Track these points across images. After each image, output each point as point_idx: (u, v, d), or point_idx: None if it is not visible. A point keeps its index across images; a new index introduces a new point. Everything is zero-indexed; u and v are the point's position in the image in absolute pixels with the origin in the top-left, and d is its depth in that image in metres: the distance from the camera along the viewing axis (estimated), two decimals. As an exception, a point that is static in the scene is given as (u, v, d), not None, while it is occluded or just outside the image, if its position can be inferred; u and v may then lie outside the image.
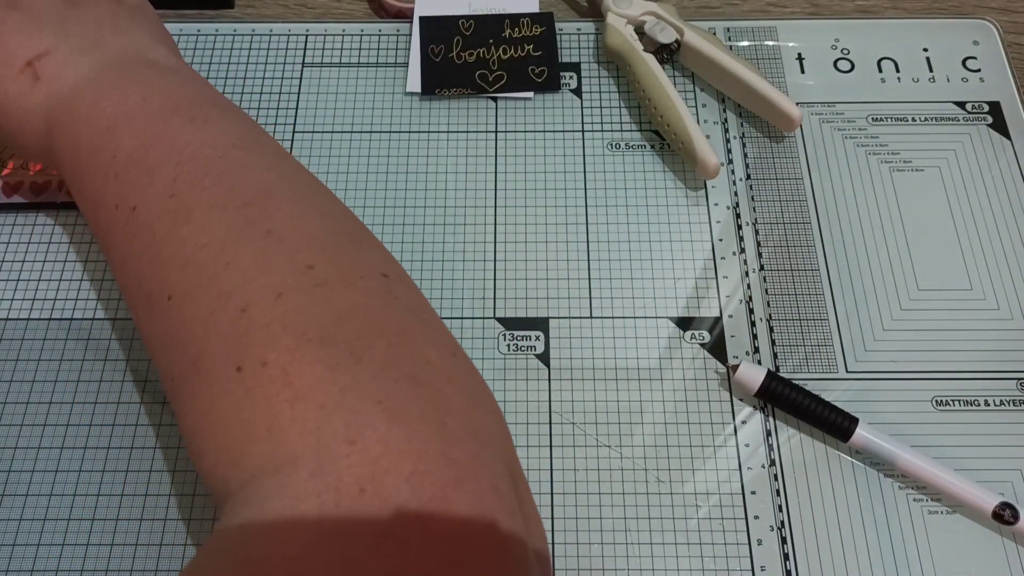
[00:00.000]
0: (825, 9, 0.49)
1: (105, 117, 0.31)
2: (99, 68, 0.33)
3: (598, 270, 0.40)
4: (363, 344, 0.25)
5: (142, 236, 0.29)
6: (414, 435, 0.23)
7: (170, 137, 0.30)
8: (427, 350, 0.27)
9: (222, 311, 0.26)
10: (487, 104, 0.44)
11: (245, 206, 0.28)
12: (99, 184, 0.31)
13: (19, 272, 0.40)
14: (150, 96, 0.32)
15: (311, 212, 0.30)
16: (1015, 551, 0.34)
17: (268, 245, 0.27)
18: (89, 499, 0.35)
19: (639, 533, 0.34)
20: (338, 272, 0.27)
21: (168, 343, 0.28)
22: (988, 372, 0.37)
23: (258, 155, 0.31)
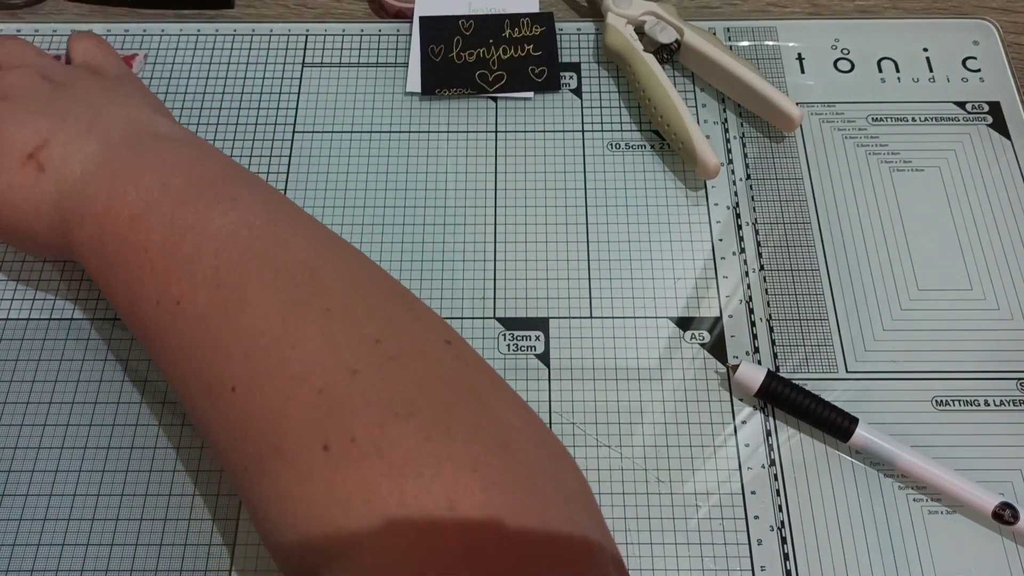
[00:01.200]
0: (825, 9, 0.49)
1: (127, 207, 0.30)
2: (105, 151, 0.32)
3: (598, 270, 0.40)
4: (449, 414, 0.25)
5: (193, 329, 0.28)
6: (511, 501, 0.24)
7: (201, 223, 0.30)
8: (506, 413, 0.27)
9: (297, 395, 0.26)
10: (487, 104, 0.44)
11: (297, 287, 0.28)
12: (133, 279, 0.30)
13: (19, 272, 0.40)
14: (169, 178, 0.31)
15: (361, 283, 0.30)
16: (1015, 551, 0.34)
17: (330, 323, 0.27)
18: (89, 499, 0.35)
19: (639, 533, 0.34)
20: (405, 344, 0.27)
21: (237, 433, 0.27)
22: (988, 372, 0.37)
23: (293, 229, 0.31)
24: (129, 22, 0.47)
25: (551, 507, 0.25)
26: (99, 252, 0.31)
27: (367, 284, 0.30)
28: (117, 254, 0.30)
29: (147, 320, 0.30)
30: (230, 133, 0.43)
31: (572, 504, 0.26)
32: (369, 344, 0.27)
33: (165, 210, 0.30)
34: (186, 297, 0.29)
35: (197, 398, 0.29)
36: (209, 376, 0.28)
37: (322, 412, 0.25)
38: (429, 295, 0.39)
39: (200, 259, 0.29)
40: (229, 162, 0.34)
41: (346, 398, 0.25)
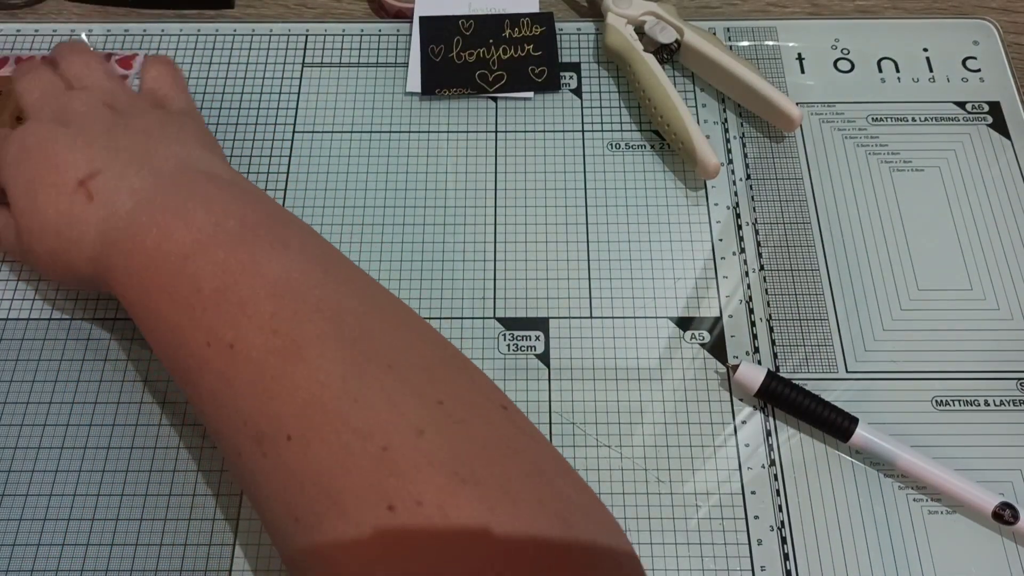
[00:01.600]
0: (825, 9, 0.49)
1: (179, 246, 0.30)
2: (156, 188, 0.32)
3: (598, 270, 0.40)
4: (512, 484, 0.25)
5: (246, 375, 0.28)
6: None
7: (254, 266, 0.29)
8: (563, 485, 0.27)
9: (360, 450, 0.25)
10: (487, 104, 0.44)
11: (355, 340, 0.28)
12: (181, 319, 0.29)
13: (19, 272, 0.40)
14: (222, 220, 0.31)
15: (417, 340, 0.30)
16: (1015, 551, 0.34)
17: (392, 380, 0.27)
18: (89, 499, 0.35)
19: (639, 533, 0.34)
20: (467, 407, 0.27)
21: (291, 484, 0.27)
22: (988, 372, 0.37)
23: (344, 279, 0.31)
24: (129, 22, 0.47)
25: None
26: (145, 289, 0.31)
27: (422, 341, 0.30)
28: (164, 292, 0.30)
29: (194, 362, 0.29)
30: (230, 133, 0.43)
31: None
32: (432, 405, 0.27)
33: (217, 251, 0.30)
34: (240, 341, 0.28)
35: (244, 445, 0.28)
36: (261, 424, 0.27)
37: (387, 471, 0.25)
38: (429, 295, 0.39)
39: (255, 303, 0.28)
40: (278, 206, 0.34)
41: (412, 459, 0.25)
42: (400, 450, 0.25)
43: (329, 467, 0.26)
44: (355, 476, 0.25)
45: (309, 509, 0.26)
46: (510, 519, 0.24)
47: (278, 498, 0.27)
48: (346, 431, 0.26)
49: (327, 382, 0.27)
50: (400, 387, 0.27)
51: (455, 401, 0.27)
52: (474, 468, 0.25)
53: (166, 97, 0.39)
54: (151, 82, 0.40)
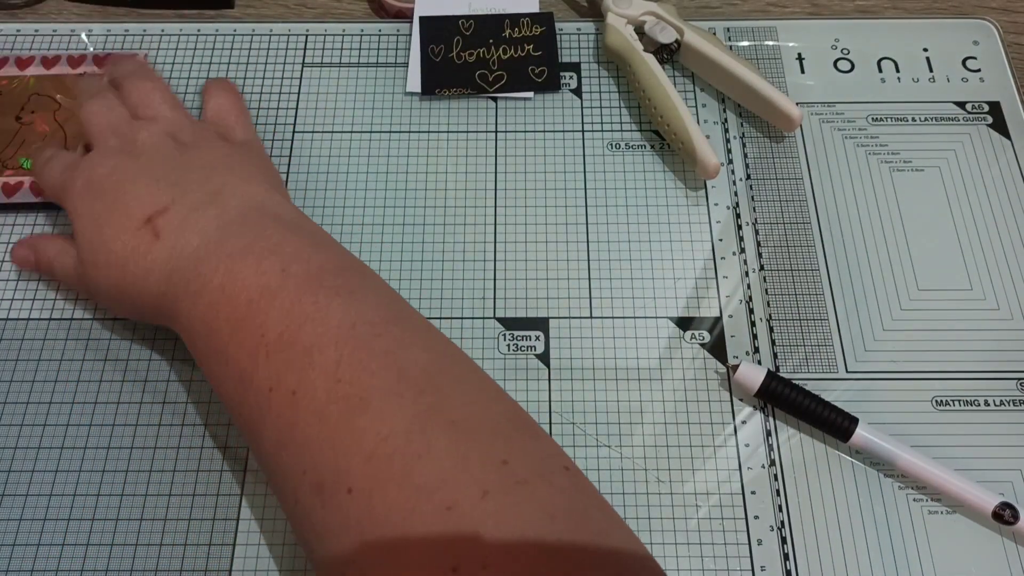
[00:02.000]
0: (825, 9, 0.49)
1: (246, 291, 0.30)
2: (222, 228, 0.32)
3: (598, 270, 0.40)
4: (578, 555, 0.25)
5: (308, 423, 0.27)
6: None
7: (320, 314, 0.29)
8: (622, 549, 0.26)
9: (424, 508, 0.25)
10: (487, 104, 0.44)
11: (421, 394, 0.27)
12: (245, 363, 0.29)
13: (19, 272, 0.40)
14: (289, 265, 0.31)
15: (481, 395, 0.29)
16: (1015, 551, 0.34)
17: (457, 437, 0.26)
18: (89, 499, 0.35)
19: (639, 533, 0.34)
20: (531, 467, 0.27)
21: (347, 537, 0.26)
22: (988, 372, 0.37)
23: (411, 330, 0.30)
24: (129, 22, 0.47)
25: None
26: (210, 331, 0.31)
27: (487, 398, 0.29)
28: (232, 335, 0.30)
29: (256, 407, 0.29)
30: (230, 133, 0.43)
31: None
32: (497, 464, 0.26)
33: (284, 297, 0.30)
34: (303, 389, 0.28)
35: (304, 494, 0.27)
36: (323, 473, 0.27)
37: (451, 531, 0.25)
38: (429, 295, 0.39)
39: (320, 352, 0.28)
40: (343, 251, 0.34)
41: (477, 520, 0.25)
42: (464, 510, 0.25)
43: (391, 522, 0.25)
44: (420, 534, 0.25)
45: (364, 561, 0.26)
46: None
47: (336, 550, 0.26)
48: (409, 487, 0.25)
49: (390, 435, 0.26)
50: (464, 444, 0.26)
51: (520, 461, 0.27)
52: (541, 532, 0.25)
53: (228, 127, 0.39)
54: (214, 111, 0.40)
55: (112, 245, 0.33)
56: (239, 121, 0.40)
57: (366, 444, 0.26)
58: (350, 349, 0.28)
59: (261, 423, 0.29)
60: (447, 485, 0.25)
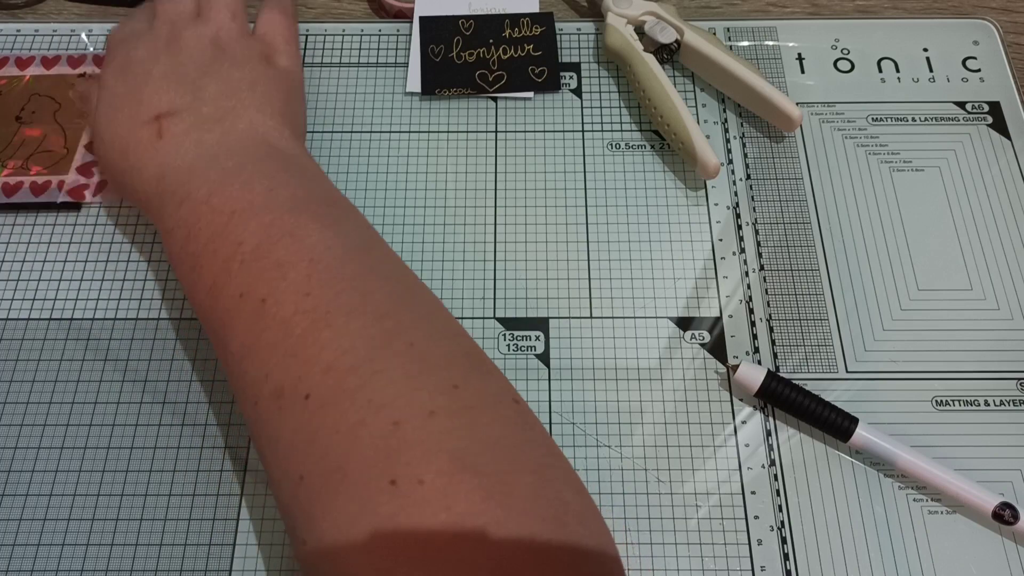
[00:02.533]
0: (825, 9, 0.49)
1: (230, 202, 0.31)
2: (221, 147, 0.33)
3: (598, 270, 0.40)
4: (512, 477, 0.26)
5: (274, 331, 0.29)
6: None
7: (299, 232, 0.30)
8: (563, 489, 0.27)
9: (372, 422, 0.26)
10: (487, 104, 0.44)
11: (383, 316, 0.29)
12: (219, 269, 0.31)
13: (19, 272, 0.40)
14: (276, 188, 0.32)
15: (442, 329, 0.30)
16: (1015, 551, 0.34)
17: (414, 359, 0.28)
18: (89, 499, 0.35)
19: (639, 533, 0.34)
20: (480, 396, 0.28)
21: (299, 443, 0.27)
22: (988, 372, 0.37)
23: (382, 261, 0.32)
24: (129, 22, 0.47)
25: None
26: (191, 236, 0.32)
27: (447, 333, 0.30)
28: (209, 241, 0.31)
29: (225, 312, 0.30)
30: (230, 133, 0.43)
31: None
32: (447, 388, 0.27)
33: (266, 214, 0.31)
34: (272, 298, 0.29)
35: (263, 398, 0.29)
36: (284, 380, 0.28)
37: (394, 445, 0.25)
38: (429, 295, 0.39)
39: (293, 267, 0.29)
40: (335, 190, 0.35)
41: (420, 438, 0.26)
42: (409, 428, 0.26)
43: (341, 433, 0.26)
44: (364, 446, 0.26)
45: (315, 469, 0.27)
46: (504, 513, 0.24)
47: (287, 453, 0.28)
48: (362, 401, 0.26)
49: (351, 350, 0.27)
50: (418, 367, 0.27)
51: (471, 389, 0.28)
52: (478, 457, 0.25)
53: (274, 49, 0.39)
54: (264, 26, 0.40)
55: (119, 129, 0.35)
56: (286, 46, 0.40)
57: (327, 356, 0.27)
58: (321, 268, 0.29)
59: (230, 328, 0.30)
60: (397, 402, 0.26)
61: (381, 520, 0.25)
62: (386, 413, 0.26)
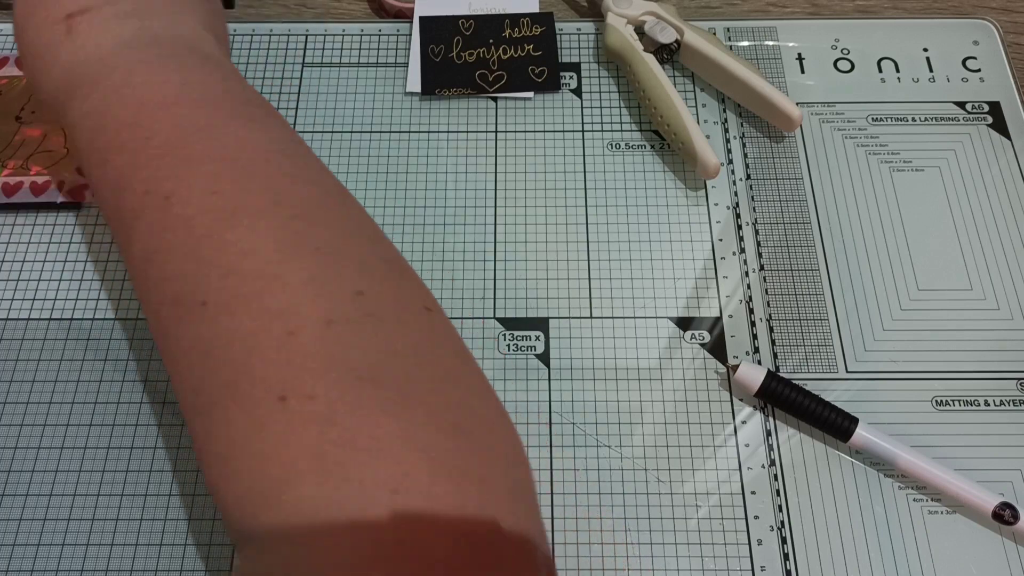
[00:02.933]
0: (825, 9, 0.49)
1: (140, 92, 0.29)
2: (137, 40, 0.31)
3: (598, 270, 0.40)
4: (412, 387, 0.24)
5: (176, 231, 0.27)
6: (457, 490, 0.23)
7: (213, 130, 0.29)
8: (471, 398, 0.26)
9: (267, 331, 0.24)
10: (487, 104, 0.44)
11: (292, 218, 0.27)
12: (126, 164, 0.28)
13: (19, 272, 0.40)
14: (192, 83, 0.30)
15: (357, 234, 0.28)
16: (1015, 551, 0.34)
17: (317, 264, 0.26)
18: (89, 499, 0.35)
19: (639, 533, 0.34)
20: (386, 303, 0.26)
21: (196, 354, 0.26)
22: (988, 372, 0.37)
23: (302, 165, 0.30)
24: (129, 22, 0.47)
25: (497, 501, 0.24)
26: (98, 129, 0.30)
27: (363, 237, 0.29)
28: (117, 134, 0.29)
29: (130, 211, 0.28)
30: (230, 133, 0.43)
31: (519, 501, 0.25)
32: (350, 295, 0.25)
33: (179, 109, 0.29)
34: (177, 195, 0.27)
35: (163, 307, 0.27)
36: (181, 285, 0.26)
37: (286, 357, 0.24)
38: (429, 295, 0.39)
39: (202, 163, 0.27)
40: (255, 92, 0.33)
41: (314, 350, 0.24)
42: (304, 338, 0.24)
43: (233, 344, 0.25)
44: (255, 358, 0.24)
45: (209, 384, 0.25)
46: (400, 425, 0.23)
47: (185, 367, 0.26)
48: (258, 308, 0.25)
49: (252, 253, 0.26)
50: (322, 272, 0.26)
51: (375, 295, 0.26)
52: (375, 367, 0.24)
53: None
54: None
55: (30, 35, 0.32)
56: None
57: (226, 259, 0.26)
58: (233, 166, 0.28)
59: (134, 229, 0.28)
60: (293, 310, 0.25)
61: (267, 442, 0.23)
62: (281, 322, 0.24)
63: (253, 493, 0.24)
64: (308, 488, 0.23)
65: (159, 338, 0.28)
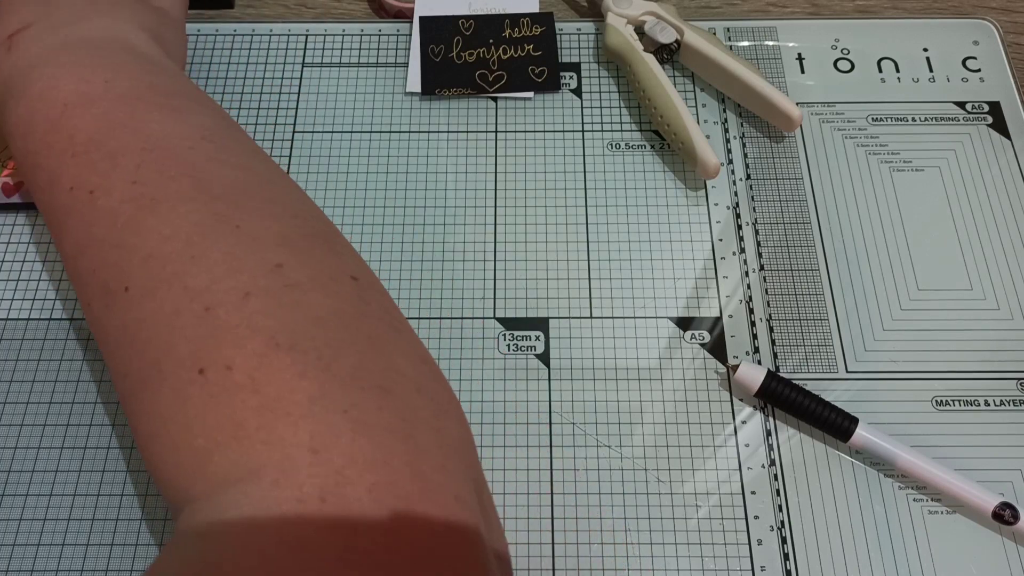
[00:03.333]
0: (825, 9, 0.49)
1: (63, 94, 0.30)
2: (66, 45, 0.32)
3: (598, 270, 0.40)
4: (333, 352, 0.24)
5: (101, 223, 0.28)
6: (380, 446, 0.23)
7: (135, 123, 0.29)
8: (397, 359, 0.26)
9: (186, 309, 0.25)
10: (487, 104, 0.44)
11: (214, 200, 0.27)
12: (54, 164, 0.29)
13: (19, 272, 0.40)
14: (115, 79, 0.31)
15: (283, 212, 0.29)
16: (1015, 551, 0.34)
17: (238, 242, 0.26)
18: (89, 499, 0.35)
19: (639, 533, 0.34)
20: (308, 273, 0.26)
21: (124, 340, 0.26)
22: (988, 372, 0.37)
23: (230, 150, 0.30)
24: (129, 22, 0.47)
25: (423, 456, 0.24)
26: (28, 133, 0.31)
27: (288, 213, 0.29)
28: (44, 136, 0.30)
29: (60, 207, 0.29)
30: (230, 133, 0.43)
31: (450, 458, 0.25)
32: (269, 267, 0.26)
33: (101, 105, 0.30)
34: (101, 188, 0.28)
35: (93, 297, 0.28)
36: (107, 274, 0.27)
37: (205, 332, 0.24)
38: (429, 295, 0.39)
39: (124, 155, 0.28)
40: (188, 83, 0.33)
41: (232, 321, 0.24)
42: (222, 311, 0.25)
43: (156, 325, 0.25)
44: (177, 336, 0.25)
45: (136, 366, 0.26)
46: (320, 388, 0.23)
47: (115, 353, 0.27)
48: (178, 288, 0.25)
49: (172, 236, 0.26)
50: (243, 249, 0.26)
51: (298, 267, 0.26)
52: (294, 334, 0.24)
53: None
54: None
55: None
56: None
57: (147, 244, 0.26)
58: (155, 156, 0.28)
59: (65, 226, 0.29)
60: (211, 287, 0.25)
61: (191, 415, 0.24)
62: (200, 299, 0.25)
63: (181, 467, 0.24)
64: (230, 456, 0.23)
65: (94, 329, 0.28)
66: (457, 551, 0.23)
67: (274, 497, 0.22)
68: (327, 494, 0.22)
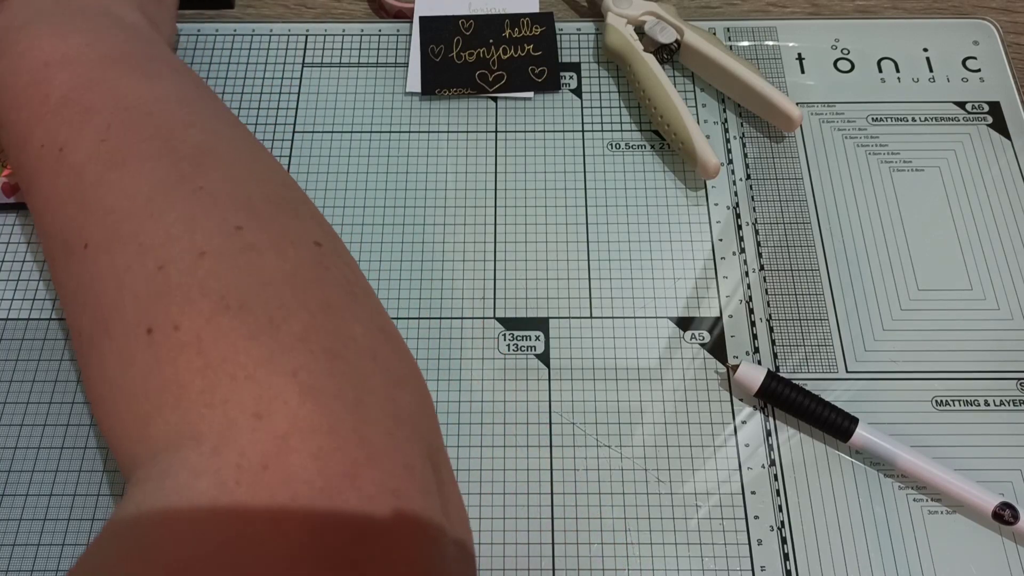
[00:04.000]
0: (825, 9, 0.49)
1: (43, 54, 0.30)
2: (53, 10, 0.32)
3: (598, 270, 0.40)
4: (284, 314, 0.24)
5: (68, 179, 0.28)
6: (326, 411, 0.22)
7: (111, 84, 0.29)
8: (352, 325, 0.25)
9: (139, 267, 0.25)
10: (487, 104, 0.44)
11: (180, 160, 0.27)
12: (28, 121, 0.30)
13: (19, 272, 0.40)
14: (96, 43, 0.31)
15: (249, 176, 0.28)
16: (1015, 551, 0.34)
17: (198, 202, 0.26)
18: (89, 499, 0.35)
19: (639, 533, 0.34)
20: (268, 237, 0.26)
21: (79, 297, 0.26)
22: (988, 372, 0.37)
23: (202, 114, 0.30)
24: (129, 22, 0.47)
25: (371, 422, 0.23)
26: (5, 89, 0.31)
27: (255, 178, 0.28)
28: (21, 92, 0.30)
29: (31, 164, 0.29)
30: (230, 133, 0.43)
31: (401, 426, 0.24)
32: (228, 230, 0.25)
33: (80, 66, 0.30)
34: (70, 145, 0.28)
35: (56, 253, 0.28)
36: (70, 230, 0.27)
37: (154, 291, 0.24)
38: (429, 295, 0.39)
39: (96, 113, 0.28)
40: (167, 52, 0.33)
41: (183, 282, 0.24)
42: (174, 270, 0.24)
43: (108, 282, 0.25)
44: (126, 294, 0.24)
45: (88, 322, 0.25)
46: (267, 351, 0.23)
47: (71, 308, 0.27)
48: (133, 246, 0.25)
49: (134, 194, 0.26)
50: (201, 209, 0.26)
51: (258, 230, 0.26)
52: (245, 296, 0.24)
53: None
54: None
55: None
56: None
57: (108, 200, 0.26)
58: (126, 115, 0.28)
59: (35, 183, 0.29)
60: (166, 245, 0.25)
61: (136, 376, 0.23)
62: (152, 256, 0.24)
63: (127, 429, 0.24)
64: (171, 418, 0.22)
65: (56, 286, 0.28)
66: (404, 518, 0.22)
67: (212, 464, 0.21)
68: (269, 460, 0.21)
